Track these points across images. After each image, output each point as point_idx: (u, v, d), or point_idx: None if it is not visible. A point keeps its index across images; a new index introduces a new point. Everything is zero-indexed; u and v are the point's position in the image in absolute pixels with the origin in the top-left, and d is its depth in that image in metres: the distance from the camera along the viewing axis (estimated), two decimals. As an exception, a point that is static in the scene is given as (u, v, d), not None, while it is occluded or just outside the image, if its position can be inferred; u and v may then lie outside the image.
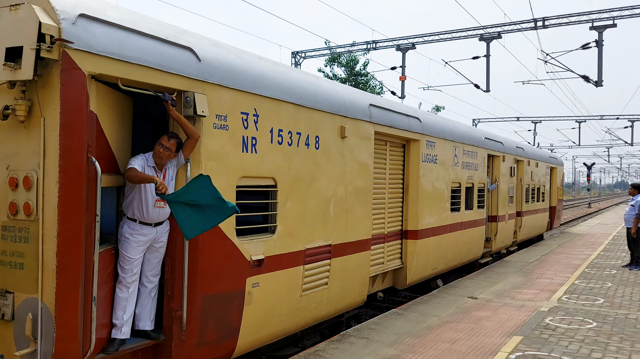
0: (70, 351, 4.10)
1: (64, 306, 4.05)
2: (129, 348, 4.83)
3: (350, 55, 32.25)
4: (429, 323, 8.09)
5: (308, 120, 6.80)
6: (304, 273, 6.80)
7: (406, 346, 6.95)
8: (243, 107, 5.74)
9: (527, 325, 8.00)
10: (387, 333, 7.50)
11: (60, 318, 4.03)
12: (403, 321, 8.16)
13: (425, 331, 7.65)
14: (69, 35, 4.03)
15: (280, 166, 6.32)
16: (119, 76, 4.46)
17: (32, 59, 3.88)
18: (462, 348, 6.90)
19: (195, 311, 5.22)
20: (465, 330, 7.76)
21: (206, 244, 5.29)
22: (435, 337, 7.38)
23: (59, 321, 4.02)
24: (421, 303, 9.55)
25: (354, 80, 33.55)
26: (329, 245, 7.30)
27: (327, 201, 7.23)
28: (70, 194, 4.07)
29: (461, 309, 9.11)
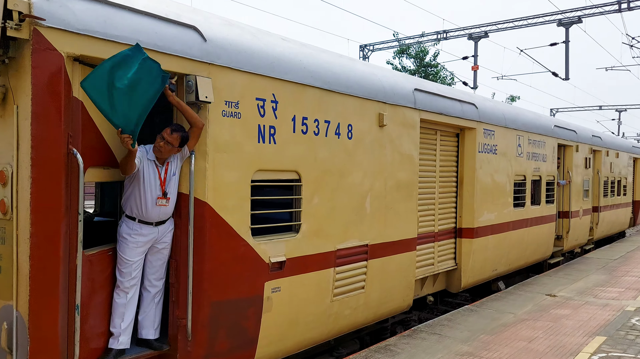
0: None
1: (39, 316, 3.63)
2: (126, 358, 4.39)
3: (420, 47, 31.58)
4: (504, 320, 7.85)
5: (339, 107, 6.12)
6: (335, 276, 6.15)
7: (480, 343, 6.79)
8: (259, 93, 5.15)
9: (612, 325, 7.44)
10: (460, 329, 7.33)
11: (34, 329, 3.61)
12: (477, 318, 7.97)
13: (501, 329, 7.41)
14: (42, 11, 3.59)
15: (304, 158, 5.69)
16: (105, 58, 3.98)
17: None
18: (540, 346, 6.64)
19: (203, 319, 4.71)
20: (543, 328, 7.44)
21: (215, 244, 4.76)
22: (511, 335, 7.14)
23: (32, 333, 3.60)
24: (495, 299, 9.25)
25: (424, 72, 32.74)
26: (365, 245, 6.60)
27: (363, 196, 6.53)
28: (45, 190, 3.64)
29: (539, 306, 8.78)
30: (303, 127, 5.66)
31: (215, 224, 4.76)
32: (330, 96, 6.00)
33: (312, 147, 5.77)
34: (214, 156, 4.75)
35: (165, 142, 4.39)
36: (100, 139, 4.27)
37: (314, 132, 5.79)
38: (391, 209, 7.04)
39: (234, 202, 4.94)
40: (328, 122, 5.98)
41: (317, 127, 5.83)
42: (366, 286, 6.66)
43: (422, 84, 8.08)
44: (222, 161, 4.82)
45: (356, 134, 6.39)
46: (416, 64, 33.62)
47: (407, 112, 7.31)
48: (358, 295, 6.54)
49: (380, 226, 6.85)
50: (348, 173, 6.28)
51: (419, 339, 6.86)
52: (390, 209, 7.03)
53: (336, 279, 6.16)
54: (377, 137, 6.74)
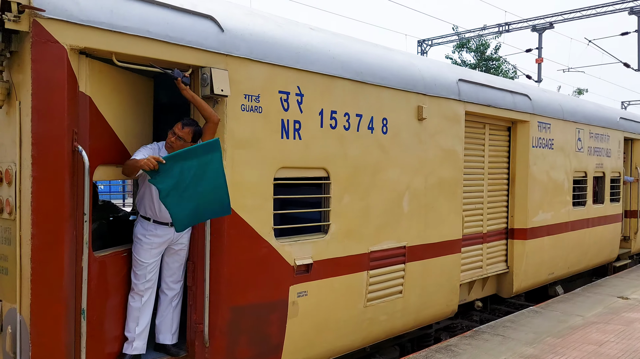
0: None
1: (42, 320, 3.49)
2: None
3: (480, 40, 30.75)
4: (571, 323, 7.55)
5: (372, 99, 5.74)
6: (369, 280, 5.78)
7: (546, 345, 6.55)
8: (282, 85, 4.86)
9: (692, 330, 6.94)
10: (524, 331, 7.10)
11: (36, 334, 3.47)
12: (542, 320, 7.70)
13: (568, 331, 7.15)
14: (42, 2, 3.43)
15: (333, 155, 5.35)
16: (112, 50, 3.80)
17: (-6, 31, 3.33)
18: (612, 351, 6.33)
19: (221, 324, 4.47)
20: (615, 332, 7.09)
21: (233, 246, 4.51)
22: (579, 338, 6.85)
23: (34, 338, 3.46)
24: (562, 301, 8.91)
25: (485, 66, 31.82)
26: (402, 247, 6.19)
27: (400, 195, 6.12)
28: (47, 189, 3.48)
29: (609, 309, 8.37)
30: (332, 122, 5.32)
31: (234, 224, 4.51)
32: (363, 87, 5.63)
33: (342, 142, 5.42)
34: (232, 152, 4.49)
35: (177, 138, 4.17)
36: (112, 136, 4.10)
37: (344, 127, 5.44)
38: (432, 209, 6.59)
39: (255, 202, 4.67)
40: (360, 116, 5.61)
41: (347, 122, 5.48)
42: (404, 290, 6.25)
43: (468, 74, 7.55)
44: (241, 158, 4.56)
45: (392, 128, 5.98)
46: (476, 58, 32.74)
47: (449, 104, 6.82)
48: (395, 300, 6.14)
49: (420, 226, 6.41)
50: (383, 170, 5.89)
51: (481, 340, 6.67)
52: (431, 209, 6.58)
53: (370, 283, 5.79)
54: (416, 132, 6.31)
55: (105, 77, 3.99)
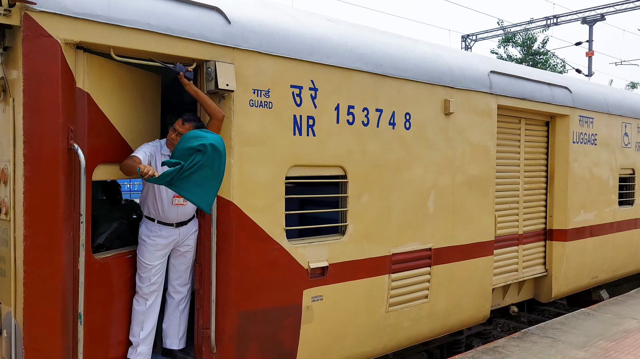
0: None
1: (35, 325, 3.37)
2: None
3: (527, 34, 29.81)
4: (625, 326, 7.27)
5: (393, 93, 5.43)
6: (391, 284, 5.48)
7: (599, 349, 6.31)
8: (294, 79, 4.62)
9: None
10: (575, 334, 6.90)
11: (29, 339, 3.36)
12: (594, 322, 7.45)
13: (622, 335, 6.87)
14: (34, -4, 3.31)
15: (351, 152, 5.08)
16: (110, 44, 3.65)
17: (-18, 25, 3.22)
18: None
19: (229, 330, 4.28)
20: None
21: (242, 248, 4.31)
22: (635, 342, 6.60)
23: (27, 343, 3.35)
24: (614, 303, 8.58)
25: (532, 60, 30.86)
26: (427, 249, 5.86)
27: (424, 194, 5.79)
28: (40, 189, 3.36)
29: None
30: (349, 117, 5.05)
31: (243, 225, 4.31)
32: (383, 81, 5.33)
33: (360, 139, 5.14)
34: (240, 150, 4.29)
35: (177, 134, 4.00)
36: (114, 134, 3.97)
37: (362, 123, 5.16)
38: (461, 209, 6.22)
39: (265, 202, 4.46)
40: (380, 111, 5.32)
41: (366, 117, 5.19)
42: (430, 294, 5.91)
43: (501, 65, 7.12)
44: (250, 156, 4.35)
45: (415, 123, 5.66)
46: (523, 53, 31.76)
47: (480, 97, 6.43)
48: (420, 305, 5.82)
49: (447, 227, 6.06)
50: (406, 168, 5.58)
51: (529, 342, 6.48)
52: (460, 209, 6.21)
53: (392, 287, 5.49)
54: (443, 127, 5.96)
55: (107, 72, 3.85)
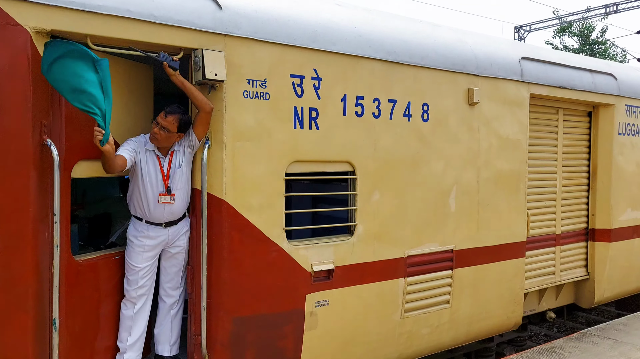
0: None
1: (5, 330, 3.18)
2: None
3: (584, 23, 28.44)
4: None
5: (409, 82, 5.02)
6: (406, 288, 5.08)
7: None
8: (295, 68, 4.29)
9: None
10: (639, 335, 6.57)
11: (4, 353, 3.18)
12: None
13: None
14: (0, -18, 3.11)
15: (360, 146, 4.71)
16: (87, 33, 3.43)
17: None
18: None
19: (222, 336, 4.01)
20: None
21: (236, 250, 4.03)
22: None
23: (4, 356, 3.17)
24: None
25: (590, 50, 29.44)
26: (448, 251, 5.42)
27: (445, 191, 5.35)
28: (7, 188, 3.17)
29: None
30: (357, 109, 4.68)
31: (237, 225, 4.02)
32: (397, 69, 4.93)
33: (371, 132, 4.77)
34: (233, 145, 4.00)
35: (160, 128, 3.74)
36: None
37: (372, 115, 4.78)
38: (487, 207, 5.74)
39: (262, 200, 4.16)
40: (393, 101, 4.92)
41: (377, 109, 4.81)
42: (452, 300, 5.48)
43: (534, 51, 6.55)
44: (244, 151, 4.05)
45: (434, 115, 5.23)
46: (580, 42, 30.31)
47: (509, 86, 5.91)
48: (441, 311, 5.39)
49: (471, 227, 5.60)
50: (423, 163, 5.16)
51: (589, 343, 6.23)
52: (486, 207, 5.73)
53: (407, 291, 5.10)
54: (466, 119, 5.50)
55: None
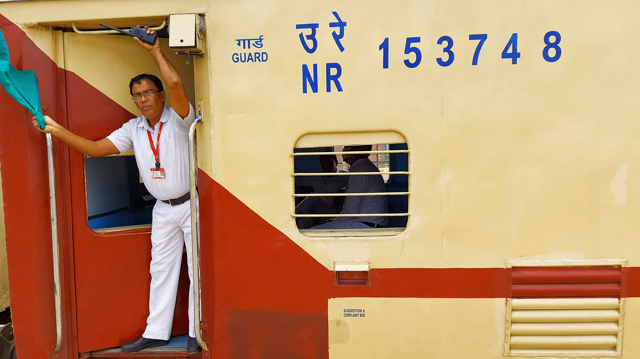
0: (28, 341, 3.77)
1: (16, 290, 3.75)
2: (137, 352, 3.94)
3: None
4: None
5: (514, 2, 3.28)
6: (511, 314, 3.44)
7: None
8: (302, 17, 3.40)
9: None
10: None
11: (15, 309, 3.77)
12: None
13: None
14: (-3, -11, 3.58)
15: (414, 108, 3.39)
16: (70, 19, 3.58)
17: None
18: None
19: (218, 327, 3.66)
20: None
21: (228, 235, 3.57)
22: None
23: (14, 314, 3.77)
24: None
25: None
26: (610, 267, 3.37)
27: (598, 170, 3.32)
28: (11, 166, 3.67)
29: None
30: (409, 57, 3.36)
31: (229, 209, 3.55)
32: (487, -13, 3.29)
33: (434, 87, 3.36)
34: (222, 117, 3.51)
35: (145, 93, 3.65)
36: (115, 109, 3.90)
37: (438, 61, 3.35)
38: None
39: (262, 181, 3.52)
40: (481, 37, 3.31)
41: (447, 52, 3.34)
42: (623, 345, 3.41)
43: None
44: (237, 125, 3.50)
45: (575, 49, 3.26)
46: None
47: None
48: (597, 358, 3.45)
49: (668, 232, 3.31)
50: (545, 127, 3.32)
51: None
52: None
53: (514, 319, 3.45)
54: None
55: (96, 48, 3.80)
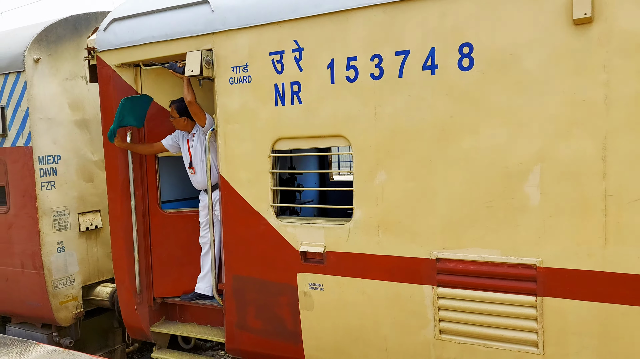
0: (125, 290, 5.43)
1: (115, 250, 5.42)
2: (190, 302, 5.28)
3: None
4: None
5: (433, 19, 3.63)
6: (437, 301, 3.81)
7: None
8: (273, 45, 4.27)
9: None
10: None
11: (114, 260, 5.46)
12: None
13: None
14: (98, 43, 5.24)
15: (354, 117, 3.98)
16: (137, 60, 5.04)
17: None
18: None
19: (228, 289, 4.78)
20: None
21: (230, 216, 4.65)
22: None
23: (114, 262, 5.46)
24: None
25: None
26: (526, 265, 3.49)
27: (514, 172, 3.47)
28: (112, 166, 5.33)
29: None
30: (349, 73, 3.97)
31: (230, 196, 4.62)
32: (410, 7, 3.70)
33: (368, 98, 3.90)
34: (224, 127, 4.59)
35: (172, 118, 4.90)
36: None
37: (371, 76, 3.89)
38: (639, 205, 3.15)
39: (249, 176, 4.50)
40: (404, 53, 3.75)
41: (378, 67, 3.86)
42: (545, 346, 3.51)
43: None
44: (232, 133, 4.54)
45: (487, 57, 3.49)
46: None
47: None
48: (521, 355, 3.60)
49: (586, 235, 3.30)
50: (463, 131, 3.60)
51: None
52: (636, 205, 3.16)
53: (441, 306, 3.80)
54: (569, 51, 3.25)
55: (165, 78, 5.23)
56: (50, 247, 6.11)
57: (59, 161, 6.19)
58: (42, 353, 5.36)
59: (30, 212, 6.07)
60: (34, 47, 5.96)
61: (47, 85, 6.07)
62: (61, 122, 6.18)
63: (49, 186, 6.10)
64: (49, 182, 6.09)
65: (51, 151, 6.11)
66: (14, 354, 5.39)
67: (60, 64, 6.21)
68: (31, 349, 5.49)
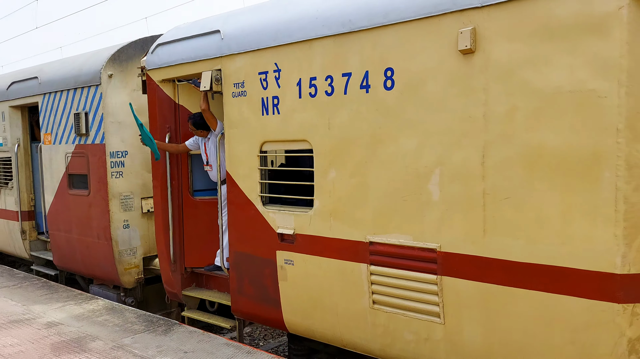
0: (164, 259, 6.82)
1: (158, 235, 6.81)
2: (211, 272, 6.54)
3: None
4: None
5: (367, 49, 4.51)
6: (370, 276, 4.68)
7: None
8: (261, 67, 5.35)
9: None
10: None
11: (156, 235, 6.86)
12: None
13: None
14: (148, 60, 6.65)
15: (314, 125, 4.95)
16: (173, 77, 6.38)
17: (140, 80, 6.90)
18: None
19: (230, 261, 5.95)
20: None
21: (232, 203, 5.81)
22: None
23: (158, 245, 6.87)
24: None
25: None
26: (429, 249, 4.27)
27: (421, 174, 4.26)
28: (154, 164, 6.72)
29: None
30: (311, 90, 4.95)
31: (233, 188, 5.77)
32: (352, 39, 4.61)
33: (323, 111, 4.86)
34: (228, 132, 5.75)
35: (192, 130, 6.15)
36: (204, 125, 6.55)
37: (325, 93, 4.84)
38: (508, 202, 3.83)
39: (245, 172, 5.62)
40: (348, 75, 4.67)
41: (330, 86, 4.80)
42: (445, 316, 4.27)
43: None
44: (234, 136, 5.69)
45: (403, 80, 4.31)
46: None
47: (560, 4, 3.50)
48: (429, 323, 4.39)
49: (471, 226, 4.02)
50: (388, 140, 4.45)
51: None
52: (506, 202, 3.84)
53: (373, 280, 4.67)
54: (458, 76, 4.00)
55: (194, 91, 6.52)
56: (118, 223, 7.70)
57: (126, 155, 7.75)
58: (184, 333, 6.19)
59: (104, 195, 7.69)
60: (108, 65, 7.56)
61: (118, 96, 7.65)
62: (128, 125, 7.73)
63: (118, 175, 7.68)
64: (117, 172, 7.67)
65: (120, 147, 7.69)
66: (160, 332, 6.26)
67: (130, 78, 7.77)
68: (174, 329, 6.33)
